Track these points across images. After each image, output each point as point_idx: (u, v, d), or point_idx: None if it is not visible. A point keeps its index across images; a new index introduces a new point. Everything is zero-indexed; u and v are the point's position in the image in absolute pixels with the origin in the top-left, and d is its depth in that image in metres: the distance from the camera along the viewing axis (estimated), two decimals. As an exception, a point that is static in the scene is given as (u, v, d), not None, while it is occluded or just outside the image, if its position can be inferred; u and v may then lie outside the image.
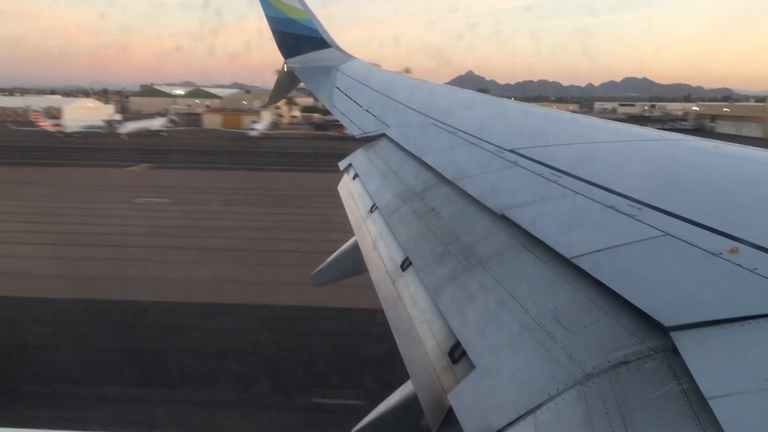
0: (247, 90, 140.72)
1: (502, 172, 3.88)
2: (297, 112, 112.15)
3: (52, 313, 21.07)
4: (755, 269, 2.02)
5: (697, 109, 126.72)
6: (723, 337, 1.72)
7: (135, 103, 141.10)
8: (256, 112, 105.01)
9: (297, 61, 12.05)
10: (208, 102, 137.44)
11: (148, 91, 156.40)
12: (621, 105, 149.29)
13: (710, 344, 1.70)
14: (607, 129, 5.19)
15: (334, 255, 6.21)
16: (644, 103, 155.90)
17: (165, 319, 20.59)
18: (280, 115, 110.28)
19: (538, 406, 1.80)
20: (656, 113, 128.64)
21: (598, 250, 2.40)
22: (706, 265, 2.15)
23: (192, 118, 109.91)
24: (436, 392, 2.32)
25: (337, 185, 6.03)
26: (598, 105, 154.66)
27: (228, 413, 15.33)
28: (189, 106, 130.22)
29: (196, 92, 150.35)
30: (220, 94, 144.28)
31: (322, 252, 6.89)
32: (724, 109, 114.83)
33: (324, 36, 12.42)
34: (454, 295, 2.72)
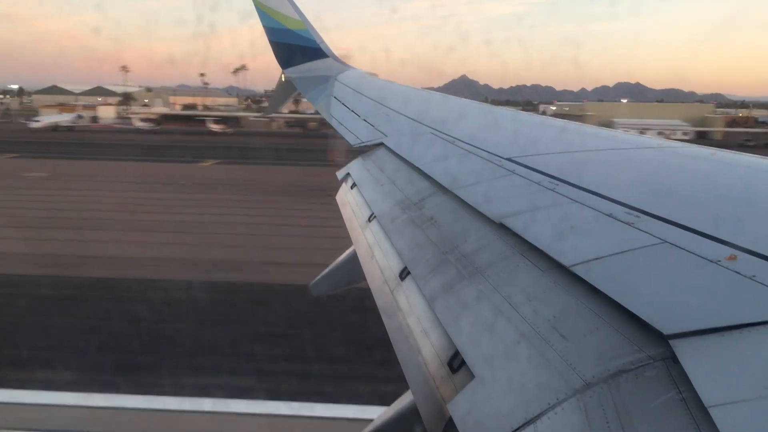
0: (149, 89, 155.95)
1: (500, 180, 3.89)
2: (154, 110, 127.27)
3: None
4: (753, 276, 2.02)
5: (555, 108, 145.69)
6: (722, 344, 1.72)
7: (38, 100, 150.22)
8: (92, 108, 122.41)
9: (294, 71, 12.11)
10: (111, 100, 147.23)
11: (51, 89, 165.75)
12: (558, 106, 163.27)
13: (710, 352, 1.70)
14: (604, 137, 5.21)
15: (332, 265, 6.20)
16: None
17: None
18: (125, 111, 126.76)
19: (538, 416, 1.79)
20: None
21: (596, 258, 2.40)
22: (704, 273, 2.15)
23: (29, 113, 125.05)
24: (435, 402, 2.31)
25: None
26: (542, 106, 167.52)
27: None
28: (85, 104, 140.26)
29: (97, 90, 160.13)
30: (120, 92, 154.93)
31: None
32: (565, 108, 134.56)
33: (321, 46, 12.50)
34: (453, 304, 2.71)
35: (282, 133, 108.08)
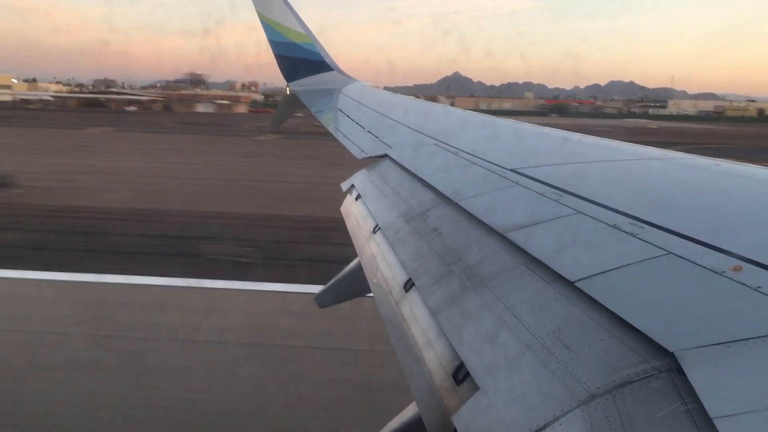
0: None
1: (504, 191, 3.90)
2: None
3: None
4: (759, 287, 2.01)
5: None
6: (728, 356, 1.71)
7: None
8: None
9: (299, 84, 12.19)
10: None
11: None
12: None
13: (715, 363, 1.69)
14: (608, 148, 5.22)
15: (337, 276, 6.20)
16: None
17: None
18: None
19: (543, 427, 1.78)
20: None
21: (601, 273, 2.40)
22: (709, 284, 2.14)
23: None
24: (440, 414, 2.30)
25: None
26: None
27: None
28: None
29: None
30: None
31: None
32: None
33: (326, 59, 12.59)
34: (458, 316, 2.71)
35: None
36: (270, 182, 42.54)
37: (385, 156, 6.24)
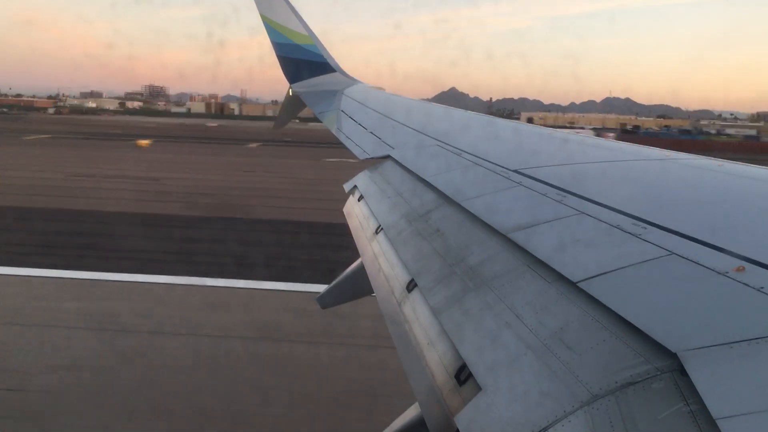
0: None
1: (507, 192, 3.90)
2: None
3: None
4: (762, 288, 2.01)
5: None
6: (731, 356, 1.71)
7: None
8: None
9: (302, 86, 12.23)
10: None
11: None
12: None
13: (718, 364, 1.69)
14: (611, 149, 5.22)
15: (339, 277, 6.21)
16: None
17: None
18: None
19: (545, 428, 1.78)
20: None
21: (603, 273, 2.40)
22: (712, 285, 2.14)
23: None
24: (443, 415, 2.30)
25: None
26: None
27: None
28: None
29: None
30: None
31: None
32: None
33: (329, 61, 12.62)
34: (460, 317, 2.71)
35: None
36: None
37: (388, 157, 6.24)
